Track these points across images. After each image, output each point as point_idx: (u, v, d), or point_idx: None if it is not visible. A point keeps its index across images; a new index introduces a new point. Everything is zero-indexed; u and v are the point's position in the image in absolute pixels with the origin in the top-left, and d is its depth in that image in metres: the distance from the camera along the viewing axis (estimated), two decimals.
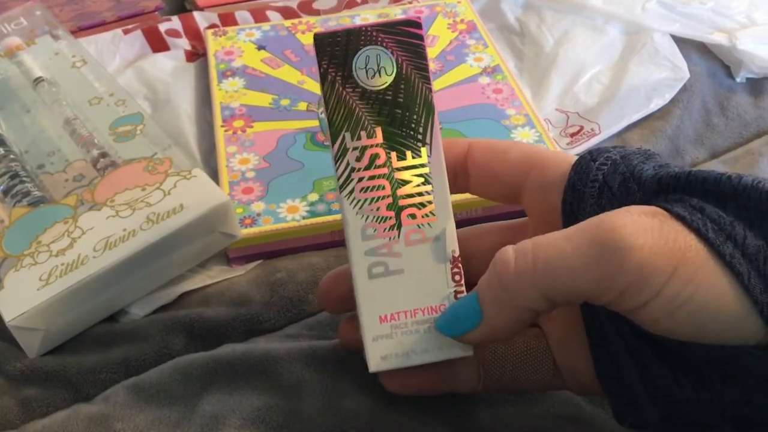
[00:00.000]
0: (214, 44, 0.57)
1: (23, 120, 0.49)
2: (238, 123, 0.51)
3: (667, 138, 0.52)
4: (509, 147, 0.30)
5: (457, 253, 0.27)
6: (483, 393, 0.32)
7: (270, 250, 0.44)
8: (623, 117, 0.52)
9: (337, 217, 0.44)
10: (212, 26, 0.61)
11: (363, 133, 0.27)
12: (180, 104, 0.54)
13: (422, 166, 0.27)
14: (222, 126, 0.50)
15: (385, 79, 0.27)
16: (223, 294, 0.42)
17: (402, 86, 0.27)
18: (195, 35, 0.60)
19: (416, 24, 0.27)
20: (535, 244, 0.25)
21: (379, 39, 0.27)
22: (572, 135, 0.52)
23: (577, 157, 0.29)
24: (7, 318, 0.37)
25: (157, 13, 0.64)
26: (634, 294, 0.23)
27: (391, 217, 0.27)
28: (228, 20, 0.62)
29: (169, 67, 0.57)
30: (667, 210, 0.24)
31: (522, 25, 0.61)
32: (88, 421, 0.34)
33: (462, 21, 0.59)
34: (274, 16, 0.63)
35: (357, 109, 0.27)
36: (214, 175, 0.47)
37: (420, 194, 0.27)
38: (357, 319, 0.29)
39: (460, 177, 0.30)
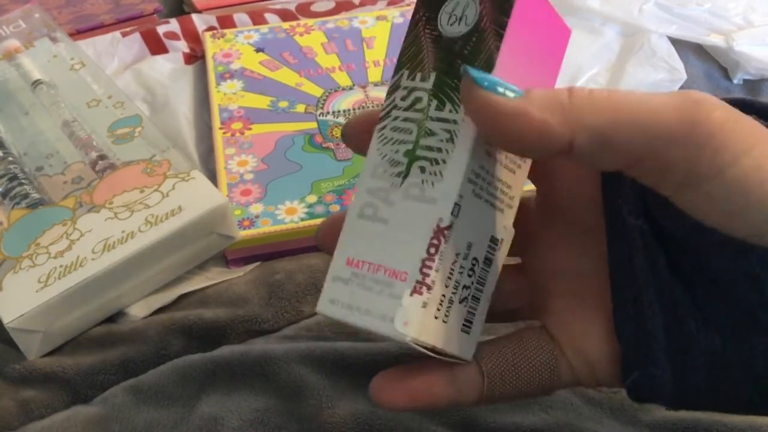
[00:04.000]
0: (212, 46, 0.57)
1: (22, 122, 0.49)
2: (237, 125, 0.51)
3: None
4: None
5: (444, 224, 0.24)
6: (486, 404, 0.29)
7: (268, 251, 0.45)
8: None
9: None
10: (210, 29, 0.61)
11: (419, 75, 0.25)
12: (178, 106, 0.54)
13: (454, 122, 0.24)
14: (220, 128, 0.50)
15: (462, 29, 0.25)
16: (221, 295, 0.42)
17: (474, 39, 0.25)
18: (193, 38, 0.60)
19: None
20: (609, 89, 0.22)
21: None
22: None
23: None
24: (5, 320, 0.37)
25: (155, 15, 0.64)
26: (712, 154, 0.21)
27: (402, 164, 0.25)
28: (226, 23, 0.62)
29: (168, 69, 0.57)
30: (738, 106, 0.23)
31: None
32: (87, 422, 0.34)
33: None
34: (273, 19, 0.63)
35: (425, 51, 0.26)
36: (213, 177, 0.47)
37: (439, 150, 0.24)
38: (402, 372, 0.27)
39: None
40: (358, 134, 0.28)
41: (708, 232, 0.23)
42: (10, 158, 0.46)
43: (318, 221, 0.44)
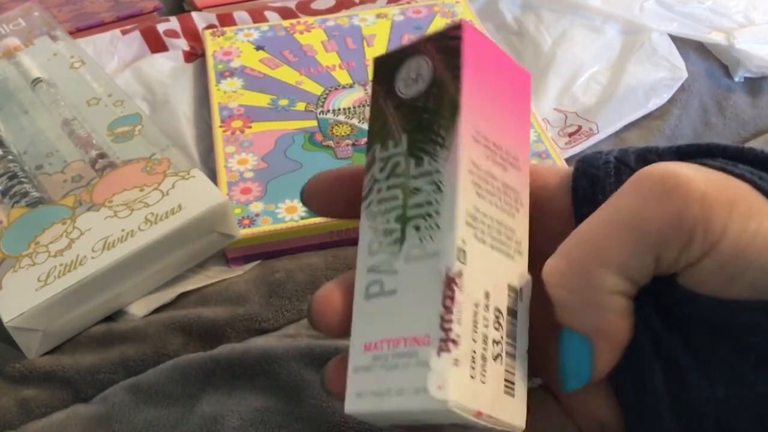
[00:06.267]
0: (212, 45, 0.57)
1: (21, 121, 0.49)
2: (237, 123, 0.51)
3: (665, 138, 0.52)
4: None
5: (453, 272, 0.22)
6: None
7: (268, 250, 0.44)
8: (621, 117, 0.52)
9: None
10: (210, 27, 0.61)
11: (391, 143, 0.25)
12: (178, 105, 0.54)
13: (437, 172, 0.23)
14: (220, 126, 0.50)
15: (420, 87, 0.25)
16: (221, 294, 0.42)
17: (434, 90, 0.24)
18: (193, 36, 0.60)
19: (458, 26, 0.24)
20: (573, 234, 0.22)
21: (425, 48, 0.25)
22: (570, 135, 0.52)
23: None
24: (5, 319, 0.37)
25: (155, 13, 0.64)
26: (702, 233, 0.21)
27: (396, 230, 0.24)
28: (226, 20, 0.62)
29: (168, 67, 0.57)
30: (701, 164, 0.23)
31: (520, 25, 0.61)
32: (87, 421, 0.34)
33: None
34: (273, 17, 0.63)
35: (390, 119, 0.25)
36: (213, 175, 0.47)
37: (429, 203, 0.23)
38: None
39: None
40: (318, 196, 0.28)
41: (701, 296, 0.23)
42: (10, 157, 0.46)
43: (318, 220, 0.44)
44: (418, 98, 0.25)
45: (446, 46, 0.24)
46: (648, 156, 0.26)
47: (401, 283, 0.23)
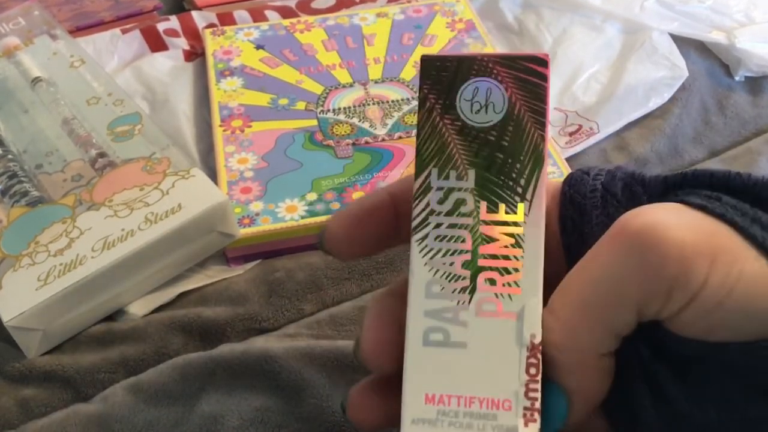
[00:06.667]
0: (212, 44, 0.57)
1: (21, 120, 0.49)
2: (237, 122, 0.50)
3: (665, 137, 0.52)
4: None
5: (537, 340, 0.22)
6: None
7: (268, 249, 0.44)
8: (622, 116, 0.52)
9: None
10: (210, 26, 0.61)
11: (453, 173, 0.23)
12: (178, 104, 0.54)
13: (515, 224, 0.23)
14: (220, 125, 0.50)
15: (492, 117, 0.23)
16: (221, 294, 0.42)
17: (510, 128, 0.23)
18: (193, 35, 0.60)
19: (542, 62, 0.23)
20: (560, 289, 0.23)
21: (495, 71, 0.23)
22: (571, 134, 0.52)
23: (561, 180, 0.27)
24: (5, 318, 0.37)
25: (155, 12, 0.64)
26: (681, 290, 0.22)
27: (465, 278, 0.22)
28: (226, 20, 0.62)
29: (168, 66, 0.57)
30: (683, 202, 0.23)
31: (520, 24, 0.61)
32: (87, 421, 0.34)
33: (461, 20, 0.59)
34: (273, 16, 0.63)
35: (452, 144, 0.23)
36: (213, 174, 0.47)
37: (506, 257, 0.22)
38: (377, 388, 0.25)
39: None
40: (340, 245, 0.26)
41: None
42: (10, 156, 0.46)
43: (318, 219, 0.44)
44: (489, 130, 0.23)
45: (526, 81, 0.23)
46: (634, 188, 0.25)
47: (472, 337, 0.22)
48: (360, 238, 0.26)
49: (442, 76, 0.24)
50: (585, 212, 0.25)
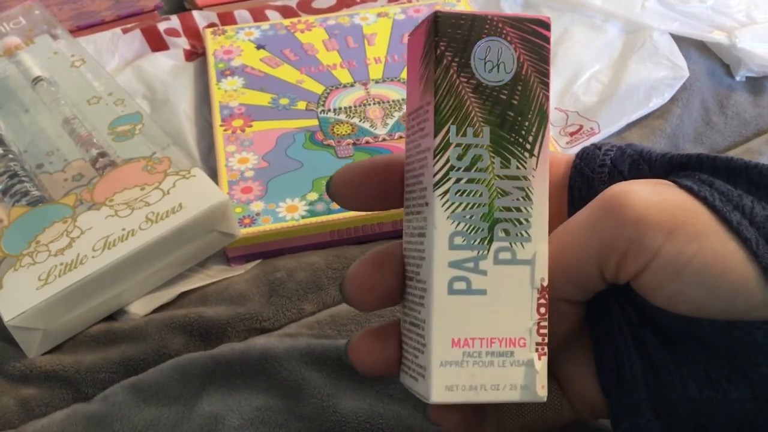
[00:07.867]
0: (213, 43, 0.57)
1: (22, 119, 0.49)
2: (237, 122, 0.50)
3: (666, 137, 0.52)
4: None
5: (545, 282, 0.24)
6: None
7: (269, 249, 0.44)
8: (622, 116, 0.52)
9: (336, 216, 0.44)
10: (211, 25, 0.61)
11: (470, 130, 0.24)
12: (179, 103, 0.54)
13: (525, 178, 0.24)
14: (221, 125, 0.50)
15: (503, 76, 0.24)
16: (222, 293, 0.42)
17: (519, 87, 0.24)
18: (194, 34, 0.60)
19: (545, 24, 0.24)
20: (551, 235, 0.25)
21: (505, 32, 0.24)
22: (571, 134, 0.52)
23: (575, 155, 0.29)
24: (6, 318, 0.37)
25: (156, 12, 0.64)
26: (634, 253, 0.23)
27: (483, 229, 0.24)
28: (227, 19, 0.62)
29: (168, 66, 0.57)
30: (674, 182, 0.24)
31: None
32: (87, 421, 0.34)
33: None
34: (273, 15, 0.63)
35: (468, 102, 0.24)
36: (213, 174, 0.47)
37: (518, 209, 0.24)
38: (377, 334, 0.27)
39: None
40: (345, 189, 0.28)
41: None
42: (11, 155, 0.46)
43: (319, 219, 0.44)
44: (501, 89, 0.24)
45: (532, 42, 0.24)
46: (640, 165, 0.27)
47: (491, 284, 0.24)
48: (368, 189, 0.28)
49: (457, 34, 0.24)
50: (592, 185, 0.27)
